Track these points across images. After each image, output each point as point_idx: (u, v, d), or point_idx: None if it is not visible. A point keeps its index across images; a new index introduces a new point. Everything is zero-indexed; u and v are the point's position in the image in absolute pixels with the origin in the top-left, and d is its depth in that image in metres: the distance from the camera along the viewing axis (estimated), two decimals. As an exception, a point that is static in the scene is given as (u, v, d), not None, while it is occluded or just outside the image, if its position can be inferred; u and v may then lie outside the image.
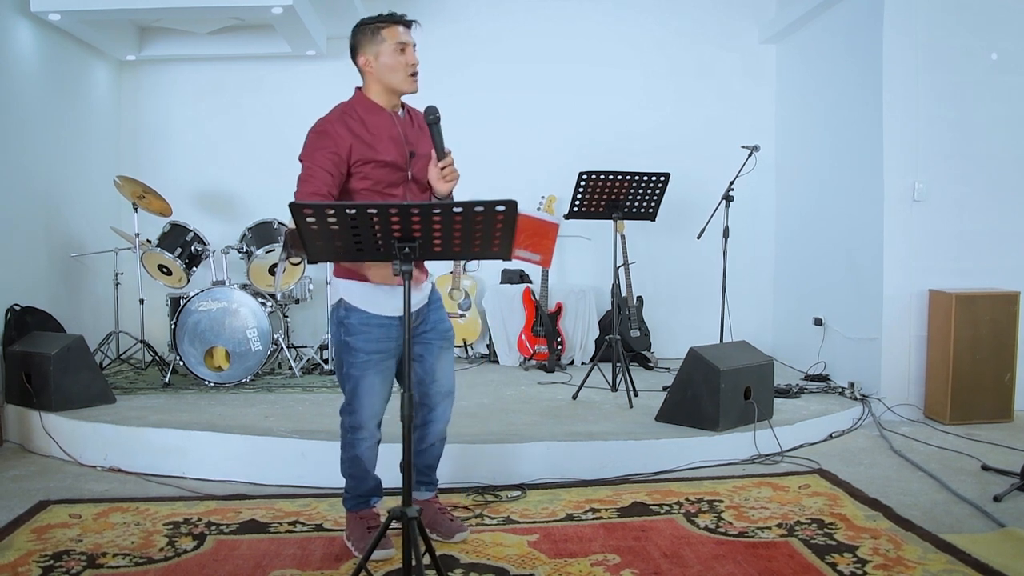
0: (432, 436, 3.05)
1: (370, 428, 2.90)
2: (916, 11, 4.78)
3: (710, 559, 2.87)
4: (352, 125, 2.72)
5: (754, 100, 6.44)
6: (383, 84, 2.75)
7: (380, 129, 2.75)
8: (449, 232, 2.24)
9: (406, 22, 2.74)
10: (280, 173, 6.31)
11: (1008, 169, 4.91)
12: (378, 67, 2.71)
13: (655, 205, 4.87)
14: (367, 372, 2.81)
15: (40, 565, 2.82)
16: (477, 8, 6.33)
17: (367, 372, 2.81)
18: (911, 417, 4.79)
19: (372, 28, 2.71)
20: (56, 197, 5.51)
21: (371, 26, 2.72)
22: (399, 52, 2.69)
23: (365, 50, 2.73)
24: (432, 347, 2.96)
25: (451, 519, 3.10)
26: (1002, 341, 4.66)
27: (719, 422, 4.02)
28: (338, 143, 2.68)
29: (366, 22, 2.73)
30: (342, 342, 2.82)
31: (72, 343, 4.49)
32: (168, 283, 5.49)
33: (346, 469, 2.97)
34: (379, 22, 2.72)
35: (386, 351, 2.82)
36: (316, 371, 5.58)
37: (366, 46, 2.72)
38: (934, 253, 4.86)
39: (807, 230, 5.92)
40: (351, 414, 2.88)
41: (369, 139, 2.72)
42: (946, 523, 3.16)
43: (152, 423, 4.11)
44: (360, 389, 2.83)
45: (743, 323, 5.69)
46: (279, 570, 2.80)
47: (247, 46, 6.13)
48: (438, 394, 3.00)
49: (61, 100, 5.58)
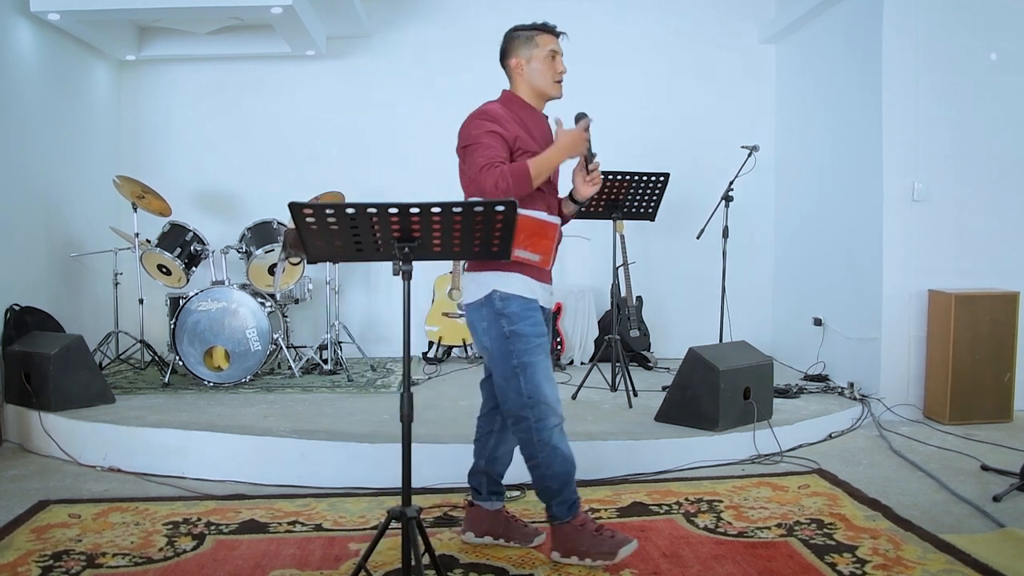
0: (512, 441, 2.95)
1: (558, 411, 2.77)
2: (916, 11, 4.79)
3: (709, 559, 2.87)
4: (515, 116, 2.79)
5: (754, 100, 6.44)
6: (531, 86, 2.85)
7: (536, 126, 2.84)
8: (449, 232, 2.24)
9: (558, 32, 2.91)
10: (279, 173, 6.41)
11: (1008, 169, 4.91)
12: (529, 70, 2.84)
13: (655, 205, 4.87)
14: (540, 356, 2.75)
15: (39, 565, 2.82)
16: (477, 9, 6.33)
17: (540, 356, 2.75)
18: (910, 417, 4.79)
19: (528, 34, 2.86)
20: (56, 197, 5.51)
21: (526, 32, 2.87)
22: (550, 58, 2.83)
23: (518, 53, 2.85)
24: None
25: (525, 524, 3.02)
26: (1001, 341, 4.66)
27: (718, 422, 4.02)
28: (505, 125, 2.72)
29: (521, 28, 2.89)
30: (507, 333, 2.74)
31: (71, 343, 4.49)
32: (167, 283, 5.49)
33: (545, 472, 2.77)
34: (534, 29, 2.87)
35: (546, 335, 2.82)
36: (315, 371, 5.58)
37: (519, 49, 2.85)
38: (934, 253, 4.86)
39: (807, 230, 5.92)
40: (535, 406, 2.73)
41: (530, 131, 2.79)
42: (945, 523, 3.16)
43: (151, 423, 4.11)
44: (539, 375, 2.74)
45: (742, 323, 5.69)
46: (278, 570, 2.80)
47: (247, 46, 6.13)
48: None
49: (61, 100, 5.58)
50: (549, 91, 2.86)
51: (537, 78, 2.83)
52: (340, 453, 3.81)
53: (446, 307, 6.09)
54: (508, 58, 2.88)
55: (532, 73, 2.83)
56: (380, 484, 3.67)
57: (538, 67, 2.83)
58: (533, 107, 2.87)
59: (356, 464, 3.78)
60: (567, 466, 2.79)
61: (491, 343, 2.78)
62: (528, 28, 2.89)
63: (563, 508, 2.80)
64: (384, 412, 4.43)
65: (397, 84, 6.37)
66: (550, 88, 2.85)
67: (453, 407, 4.58)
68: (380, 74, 6.38)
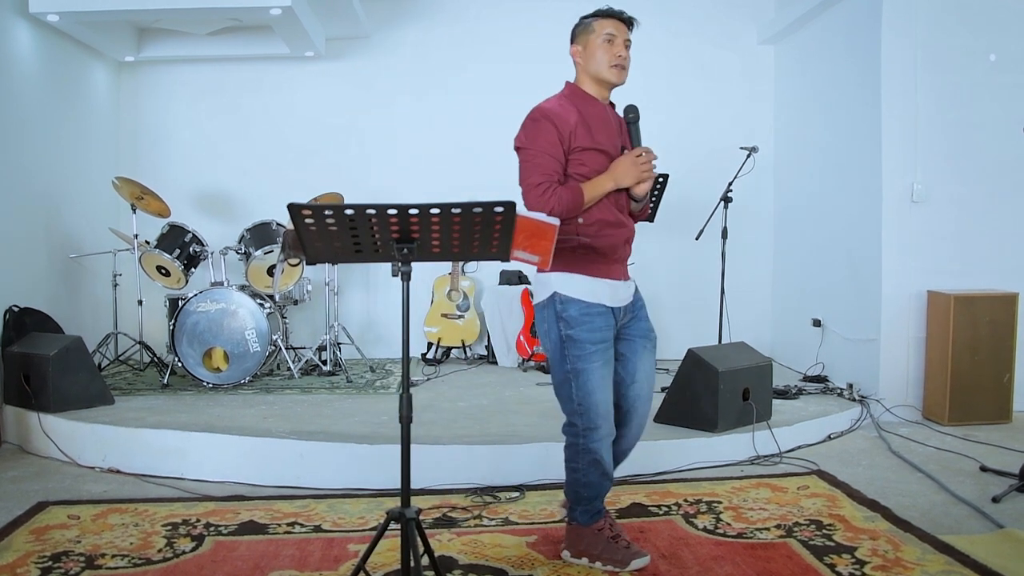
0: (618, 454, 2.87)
1: (609, 422, 2.75)
2: (915, 11, 4.79)
3: (709, 560, 2.87)
4: (573, 110, 2.74)
5: (753, 101, 6.44)
6: (589, 73, 2.78)
7: (597, 117, 2.76)
8: (448, 233, 2.24)
9: (623, 18, 2.77)
10: (279, 174, 6.41)
11: (1007, 170, 4.91)
12: (585, 56, 2.77)
13: (654, 206, 4.87)
14: (595, 362, 2.71)
15: (39, 566, 2.82)
16: (477, 9, 6.33)
17: (595, 362, 2.71)
18: (910, 418, 4.79)
19: (587, 20, 2.78)
20: (55, 198, 5.51)
21: (588, 19, 2.79)
22: (607, 42, 2.72)
23: (577, 40, 2.80)
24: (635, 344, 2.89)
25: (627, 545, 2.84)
26: (1001, 342, 4.66)
27: (718, 423, 4.02)
28: (561, 126, 2.68)
29: (588, 15, 2.80)
30: (563, 337, 2.71)
31: (71, 344, 4.49)
32: (167, 284, 5.49)
33: (581, 479, 2.79)
34: (595, 16, 2.78)
35: (608, 340, 2.76)
36: (314, 372, 5.58)
37: (578, 36, 2.80)
38: (933, 254, 4.86)
39: (806, 231, 5.93)
40: (584, 414, 2.72)
41: (589, 125, 2.73)
42: (945, 524, 3.16)
43: (151, 424, 4.11)
44: (592, 383, 2.70)
45: (741, 324, 5.69)
46: (277, 571, 2.80)
47: (246, 47, 6.13)
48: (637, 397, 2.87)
49: (60, 101, 5.58)
50: (605, 75, 2.74)
51: (591, 63, 2.75)
52: (339, 454, 3.81)
53: (445, 308, 6.09)
54: (570, 47, 2.84)
55: (587, 58, 2.76)
56: (379, 485, 3.66)
57: (593, 51, 2.75)
58: (595, 97, 2.79)
59: (355, 465, 3.77)
60: (604, 481, 2.81)
61: (550, 345, 2.76)
62: (590, 15, 2.80)
63: (586, 515, 2.84)
64: (383, 413, 4.42)
65: (396, 85, 6.37)
66: (606, 72, 2.74)
67: (452, 408, 4.58)
68: (379, 75, 6.38)
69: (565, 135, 2.67)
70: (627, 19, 2.77)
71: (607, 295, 2.75)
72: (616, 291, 2.78)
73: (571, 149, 2.69)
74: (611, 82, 2.76)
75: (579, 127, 2.70)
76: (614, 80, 2.76)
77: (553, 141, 2.66)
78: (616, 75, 2.74)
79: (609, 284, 2.76)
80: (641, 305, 2.96)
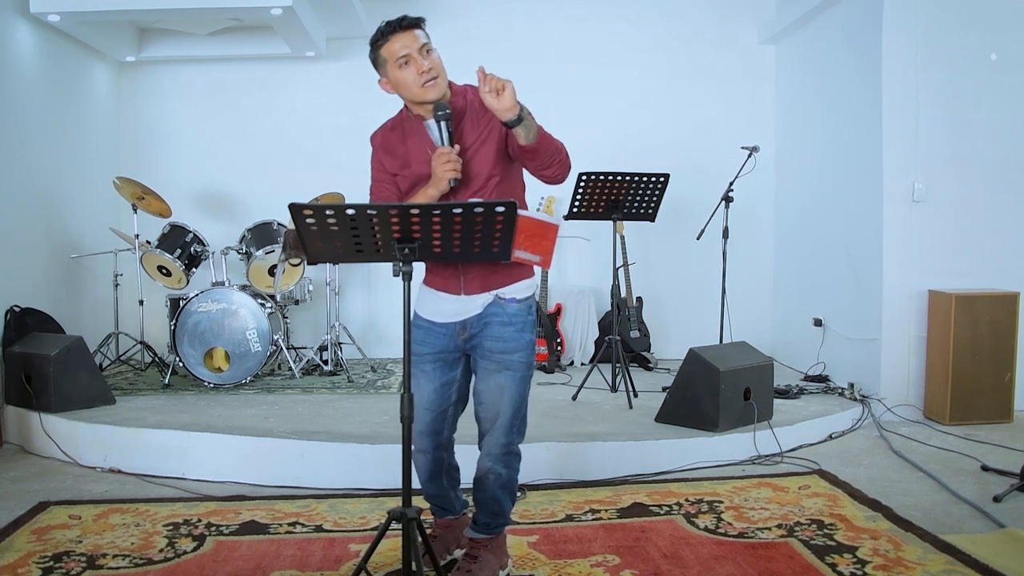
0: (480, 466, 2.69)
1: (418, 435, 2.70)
2: (915, 11, 4.78)
3: (710, 560, 2.87)
4: (387, 137, 2.69)
5: (753, 101, 6.44)
6: (407, 100, 2.60)
7: (409, 138, 2.64)
8: (449, 233, 2.24)
9: (400, 28, 2.47)
10: (279, 174, 6.41)
11: (1008, 169, 4.90)
12: (396, 86, 2.54)
13: (655, 206, 4.87)
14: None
15: (40, 566, 2.82)
16: (476, 9, 6.33)
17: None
18: (911, 418, 4.78)
19: (374, 51, 2.53)
20: (56, 198, 5.51)
21: (373, 49, 2.53)
22: (402, 67, 2.47)
23: (381, 73, 2.57)
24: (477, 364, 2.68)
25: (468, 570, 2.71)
26: (1002, 342, 4.66)
27: (719, 423, 4.02)
28: (378, 155, 2.71)
29: (372, 42, 2.53)
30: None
31: (72, 344, 4.49)
32: (168, 284, 5.49)
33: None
34: (377, 40, 2.51)
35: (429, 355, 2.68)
36: (316, 372, 5.58)
37: (379, 70, 2.56)
38: (934, 253, 4.85)
39: (807, 230, 5.92)
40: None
41: (400, 151, 2.65)
42: (946, 524, 3.16)
43: (152, 424, 4.11)
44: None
45: (743, 324, 5.69)
46: (279, 571, 2.80)
47: (246, 47, 6.13)
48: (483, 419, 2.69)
49: (61, 101, 5.58)
50: (419, 97, 2.51)
51: (403, 91, 2.53)
52: (340, 454, 3.81)
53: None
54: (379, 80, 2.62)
55: (398, 88, 2.53)
56: (380, 485, 3.66)
57: (397, 80, 2.51)
58: (420, 117, 2.60)
59: (356, 465, 3.78)
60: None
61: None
62: (374, 40, 2.52)
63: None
64: (384, 413, 4.42)
65: (397, 85, 6.35)
66: (419, 94, 2.50)
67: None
68: (380, 75, 6.37)
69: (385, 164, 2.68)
70: (408, 24, 2.49)
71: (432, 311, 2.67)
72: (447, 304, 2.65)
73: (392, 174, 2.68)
74: (429, 100, 2.51)
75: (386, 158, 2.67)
76: (432, 97, 2.50)
77: (380, 167, 2.70)
78: (429, 91, 2.49)
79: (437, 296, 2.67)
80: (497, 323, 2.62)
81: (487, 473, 2.67)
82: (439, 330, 2.65)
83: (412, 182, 2.63)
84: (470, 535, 2.77)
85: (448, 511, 2.89)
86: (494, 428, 2.64)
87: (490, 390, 2.63)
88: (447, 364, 2.67)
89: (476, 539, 2.75)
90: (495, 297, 2.61)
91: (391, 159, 2.66)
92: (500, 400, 2.62)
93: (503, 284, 2.62)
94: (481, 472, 2.69)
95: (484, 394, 2.65)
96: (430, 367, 2.66)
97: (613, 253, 4.96)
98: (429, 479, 2.77)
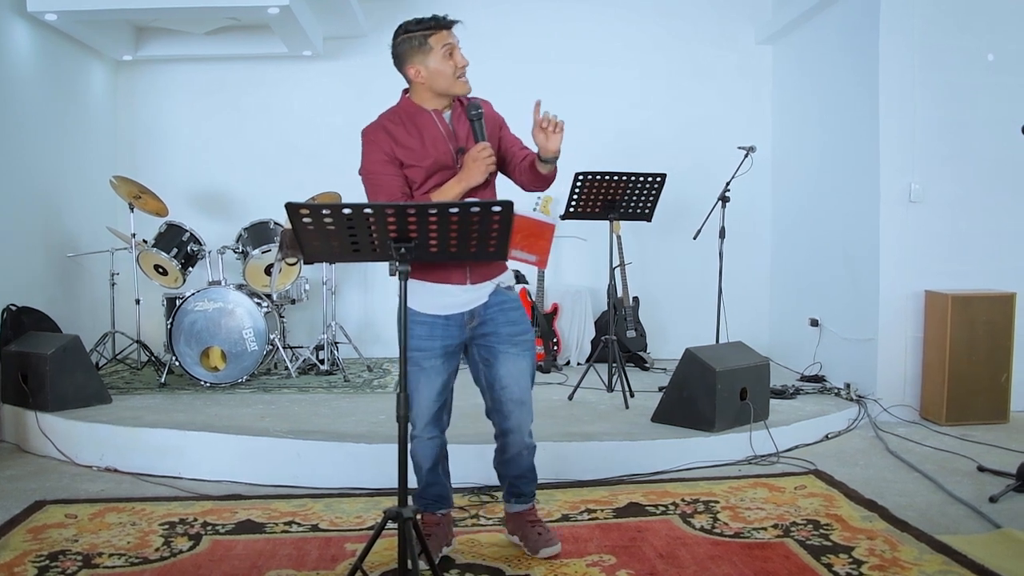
0: (513, 446, 2.88)
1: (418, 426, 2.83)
2: (912, 11, 4.79)
3: (706, 560, 2.87)
4: (393, 130, 2.70)
5: (750, 101, 6.44)
6: (434, 91, 2.69)
7: (424, 131, 2.69)
8: (445, 233, 2.24)
9: (450, 23, 2.68)
10: (277, 173, 6.40)
11: (1004, 170, 4.91)
12: (429, 75, 2.66)
13: (651, 206, 4.87)
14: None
15: (36, 565, 2.82)
16: (475, 8, 6.31)
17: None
18: (907, 418, 4.79)
19: (419, 38, 2.64)
20: (53, 197, 5.50)
21: (417, 35, 2.64)
22: (447, 57, 2.64)
23: (414, 61, 2.66)
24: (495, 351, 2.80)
25: (539, 533, 2.92)
26: (998, 342, 4.66)
27: (715, 423, 4.02)
28: (383, 147, 2.69)
29: (410, 30, 2.65)
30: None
31: (68, 343, 4.48)
32: (164, 283, 5.48)
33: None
34: (424, 29, 2.64)
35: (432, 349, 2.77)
36: (312, 371, 5.58)
37: (414, 57, 2.65)
38: (930, 254, 4.86)
39: (803, 231, 5.93)
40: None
41: (412, 143, 2.68)
42: (942, 524, 3.17)
43: (148, 423, 4.11)
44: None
45: (739, 324, 5.68)
46: (275, 570, 2.80)
47: (244, 46, 6.12)
48: (510, 401, 2.82)
49: (58, 100, 5.57)
50: (453, 90, 2.69)
51: (438, 81, 2.66)
52: (336, 453, 3.81)
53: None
54: (403, 66, 2.70)
55: (432, 77, 2.66)
56: (376, 484, 3.66)
57: (437, 68, 2.65)
58: (426, 109, 2.71)
59: (352, 464, 3.77)
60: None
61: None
62: (418, 28, 2.66)
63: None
64: (380, 412, 4.42)
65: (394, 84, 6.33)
66: (454, 87, 2.68)
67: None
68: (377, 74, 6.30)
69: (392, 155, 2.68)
70: (452, 22, 2.70)
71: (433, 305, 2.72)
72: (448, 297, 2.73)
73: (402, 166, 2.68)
74: (461, 94, 2.72)
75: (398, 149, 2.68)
76: (463, 92, 2.71)
77: (385, 160, 2.68)
78: (463, 86, 2.70)
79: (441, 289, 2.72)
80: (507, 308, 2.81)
81: (523, 449, 2.90)
82: (447, 323, 2.74)
83: (428, 173, 2.69)
84: (517, 509, 2.97)
85: (442, 503, 2.96)
86: (523, 408, 2.83)
87: (516, 372, 2.80)
88: (453, 355, 2.81)
89: (524, 511, 2.97)
90: (497, 285, 2.80)
91: (403, 150, 2.69)
92: (525, 380, 2.82)
93: (499, 273, 2.83)
94: (516, 449, 2.89)
95: (508, 378, 2.79)
96: (439, 361, 2.76)
97: (610, 253, 4.96)
98: (432, 467, 2.89)
